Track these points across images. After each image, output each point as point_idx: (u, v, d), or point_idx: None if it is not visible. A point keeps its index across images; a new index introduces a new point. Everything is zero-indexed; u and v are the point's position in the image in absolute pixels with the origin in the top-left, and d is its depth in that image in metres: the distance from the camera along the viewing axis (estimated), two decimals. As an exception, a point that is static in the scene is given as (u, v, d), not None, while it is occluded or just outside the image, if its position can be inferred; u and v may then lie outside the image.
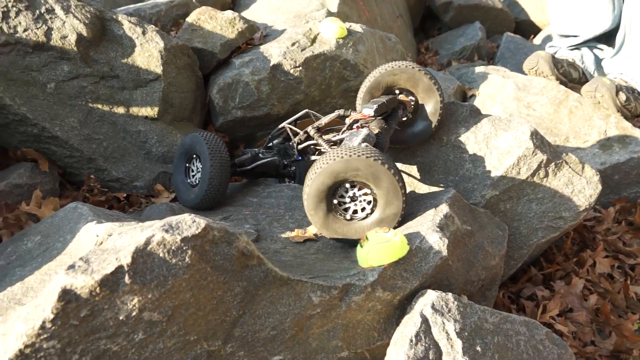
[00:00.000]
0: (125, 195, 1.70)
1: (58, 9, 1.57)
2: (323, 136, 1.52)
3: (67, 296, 0.73)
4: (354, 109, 1.62)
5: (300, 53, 1.95)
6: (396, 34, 3.12)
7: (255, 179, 1.75)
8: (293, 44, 1.98)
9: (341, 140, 1.42)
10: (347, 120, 1.42)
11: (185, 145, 1.57)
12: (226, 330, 0.89)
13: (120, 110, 1.67)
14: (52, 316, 0.72)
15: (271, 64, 1.90)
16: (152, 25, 1.71)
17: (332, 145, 1.45)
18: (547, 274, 1.64)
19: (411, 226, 1.17)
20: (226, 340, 0.89)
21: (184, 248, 0.80)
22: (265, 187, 1.66)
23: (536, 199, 1.45)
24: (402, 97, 1.52)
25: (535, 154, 1.43)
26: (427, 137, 1.51)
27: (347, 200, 1.17)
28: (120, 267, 0.76)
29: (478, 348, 0.97)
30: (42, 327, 0.72)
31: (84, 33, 1.59)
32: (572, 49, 2.29)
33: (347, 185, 1.14)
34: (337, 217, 1.17)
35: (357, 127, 1.39)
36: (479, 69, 2.56)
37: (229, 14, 2.04)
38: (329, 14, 2.32)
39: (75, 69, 1.62)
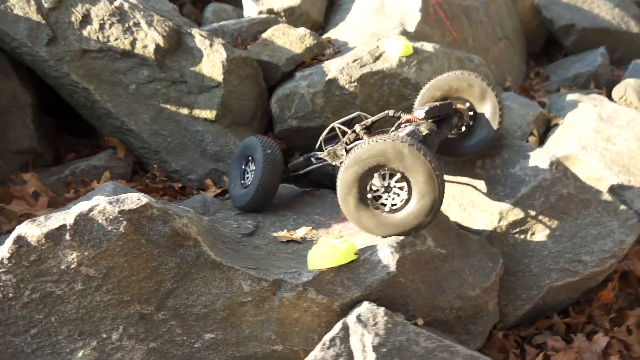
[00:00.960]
0: (180, 185, 1.94)
1: (143, 23, 1.88)
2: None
3: (20, 241, 0.92)
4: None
5: (358, 69, 2.02)
6: (495, 56, 2.99)
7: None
8: (354, 60, 2.06)
9: None
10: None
11: (243, 147, 1.70)
12: (160, 298, 1.02)
13: (185, 111, 1.92)
14: (8, 255, 0.92)
15: (327, 78, 2.00)
16: (219, 39, 1.94)
17: None
18: (573, 325, 1.47)
19: (378, 239, 1.18)
20: (159, 307, 1.02)
21: (120, 219, 0.95)
22: (293, 191, 1.76)
23: (553, 236, 1.33)
24: (459, 105, 1.50)
25: (554, 186, 1.31)
26: (483, 149, 1.44)
27: (381, 190, 1.16)
28: (64, 225, 0.93)
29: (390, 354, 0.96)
30: (1, 262, 0.92)
31: (161, 44, 1.87)
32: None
33: (383, 174, 1.15)
34: (368, 208, 1.15)
35: (405, 127, 1.41)
36: (572, 96, 2.36)
37: (301, 30, 2.20)
38: (405, 33, 2.35)
39: (153, 74, 1.90)
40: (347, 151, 1.53)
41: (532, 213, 1.33)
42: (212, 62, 1.91)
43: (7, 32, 1.82)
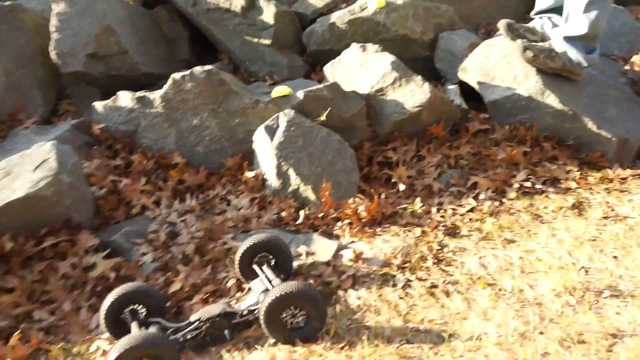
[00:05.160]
0: (253, 79, 3.76)
1: (236, -6, 3.66)
2: None
3: (172, 79, 2.80)
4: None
5: (348, 16, 3.58)
6: (482, 5, 4.22)
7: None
8: (349, 11, 3.62)
9: None
10: None
11: None
12: (218, 103, 2.84)
13: (255, 40, 3.70)
14: (170, 83, 2.81)
15: (330, 22, 3.60)
16: (273, 0, 3.65)
17: None
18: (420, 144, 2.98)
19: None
20: (218, 106, 2.85)
21: (204, 73, 2.78)
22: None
23: (395, 96, 2.86)
24: None
25: (391, 73, 2.84)
26: None
27: None
28: (186, 74, 2.79)
29: (292, 128, 2.65)
30: (169, 86, 2.82)
31: (244, 4, 3.64)
32: (540, 17, 3.19)
33: None
34: None
35: None
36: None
37: (325, -7, 3.80)
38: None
39: (240, 20, 3.70)
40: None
41: (385, 85, 2.87)
42: (268, 13, 3.65)
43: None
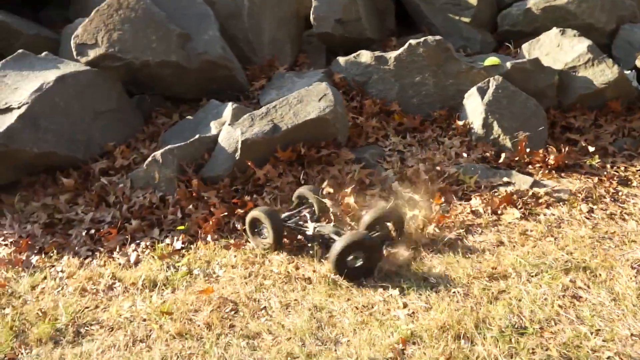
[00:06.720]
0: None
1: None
2: None
3: (410, 44, 3.69)
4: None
5: (543, 3, 4.23)
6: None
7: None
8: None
9: None
10: None
11: None
12: (439, 66, 3.70)
13: (457, 17, 4.48)
14: (406, 47, 3.71)
15: (526, 7, 4.27)
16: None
17: None
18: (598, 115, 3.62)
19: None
20: (438, 68, 3.71)
21: (435, 41, 3.64)
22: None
23: (583, 72, 3.53)
24: None
25: (587, 54, 3.49)
26: None
27: None
28: (420, 41, 3.67)
29: (500, 90, 3.43)
30: (406, 48, 3.72)
31: (453, -13, 4.43)
32: None
33: None
34: None
35: None
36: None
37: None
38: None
39: (447, 0, 4.49)
40: None
41: (579, 64, 3.54)
42: (473, -4, 4.41)
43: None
